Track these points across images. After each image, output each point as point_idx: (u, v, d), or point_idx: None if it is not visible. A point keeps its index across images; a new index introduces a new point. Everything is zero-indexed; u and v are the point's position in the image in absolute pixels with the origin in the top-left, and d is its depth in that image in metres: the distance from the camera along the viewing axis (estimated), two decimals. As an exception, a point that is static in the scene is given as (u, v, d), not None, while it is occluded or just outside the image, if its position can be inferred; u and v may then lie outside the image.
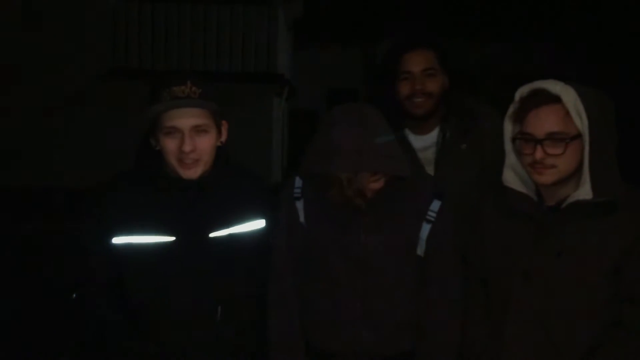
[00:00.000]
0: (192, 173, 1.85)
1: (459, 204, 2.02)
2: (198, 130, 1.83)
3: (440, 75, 2.36)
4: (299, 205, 1.99)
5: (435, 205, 1.92)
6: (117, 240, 1.84)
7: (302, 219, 1.98)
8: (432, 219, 1.91)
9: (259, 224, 2.01)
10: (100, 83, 9.01)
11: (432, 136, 2.41)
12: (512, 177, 1.87)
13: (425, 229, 1.92)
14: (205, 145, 1.85)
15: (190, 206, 1.89)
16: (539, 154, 1.72)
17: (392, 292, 1.93)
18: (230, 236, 1.94)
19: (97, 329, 1.91)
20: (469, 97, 2.51)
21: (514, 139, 1.82)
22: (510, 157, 1.86)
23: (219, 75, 8.51)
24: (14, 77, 8.81)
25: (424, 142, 2.41)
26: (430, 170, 2.36)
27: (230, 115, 1.94)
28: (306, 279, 1.99)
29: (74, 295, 1.93)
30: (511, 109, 1.83)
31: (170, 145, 1.82)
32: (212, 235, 1.91)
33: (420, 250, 1.93)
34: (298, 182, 2.01)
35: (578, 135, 1.71)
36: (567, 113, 1.70)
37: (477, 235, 1.97)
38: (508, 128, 1.86)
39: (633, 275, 1.71)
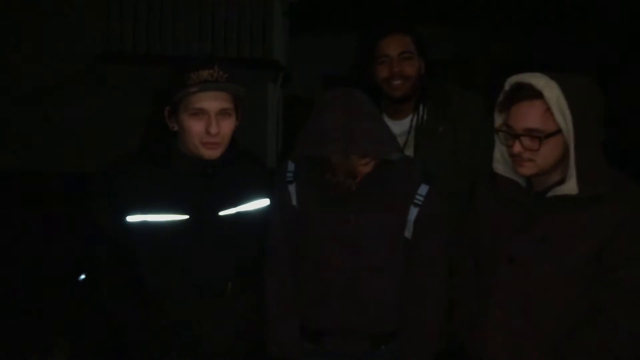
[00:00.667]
0: (213, 154, 1.94)
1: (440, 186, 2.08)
2: (223, 113, 1.92)
3: (416, 59, 2.45)
4: (292, 188, 2.06)
5: (423, 189, 1.98)
6: (132, 218, 1.90)
7: (294, 201, 2.05)
8: (420, 203, 1.98)
9: (264, 202, 2.10)
10: (94, 67, 8.97)
11: (406, 122, 2.50)
12: (501, 164, 1.92)
13: (413, 212, 1.98)
14: (227, 128, 1.94)
15: (202, 186, 1.97)
16: (516, 148, 1.77)
17: (380, 273, 1.99)
18: (239, 214, 2.03)
19: (110, 307, 1.95)
20: (443, 82, 2.59)
21: (498, 130, 1.86)
22: (500, 145, 1.91)
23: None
24: (7, 61, 8.76)
25: (401, 127, 2.49)
26: (409, 153, 2.43)
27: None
28: (297, 259, 2.06)
29: (82, 277, 1.96)
30: (499, 99, 1.86)
31: (196, 126, 1.89)
32: (221, 213, 1.99)
33: (408, 233, 2.00)
34: (291, 165, 2.08)
35: (557, 132, 1.72)
36: (548, 109, 1.72)
37: (472, 218, 2.02)
38: (498, 117, 1.89)
39: (612, 262, 1.75)
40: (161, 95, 1.96)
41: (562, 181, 1.79)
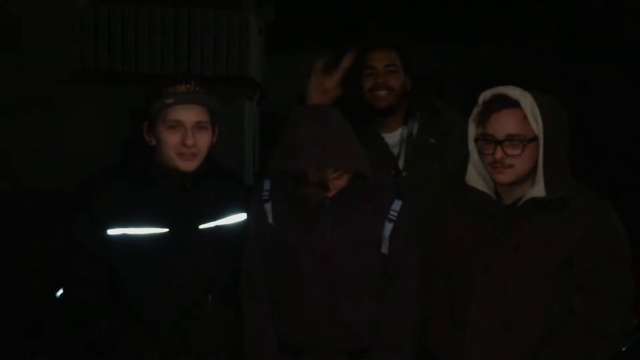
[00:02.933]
0: (189, 165, 1.96)
1: (431, 197, 2.16)
2: (199, 126, 1.95)
3: (401, 73, 2.54)
4: (268, 207, 2.07)
5: (397, 205, 2.01)
6: (113, 232, 1.90)
7: (270, 220, 2.06)
8: (394, 218, 2.00)
9: (241, 217, 2.13)
10: (69, 86, 8.92)
11: (397, 134, 2.57)
12: (474, 177, 1.99)
13: (388, 227, 2.00)
14: (203, 141, 1.97)
15: (182, 200, 1.98)
16: (499, 154, 1.85)
17: (356, 289, 2.00)
18: (217, 228, 2.05)
19: (89, 323, 1.92)
20: (433, 96, 2.70)
21: (476, 140, 1.95)
22: (473, 157, 1.98)
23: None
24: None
25: (393, 139, 2.57)
26: (401, 164, 2.50)
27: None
28: (275, 277, 2.07)
29: (59, 294, 1.94)
30: (475, 111, 1.95)
31: (172, 138, 1.92)
32: (201, 227, 2.01)
33: (385, 248, 2.02)
34: (267, 184, 2.09)
35: (534, 138, 1.84)
36: (525, 117, 1.83)
37: (441, 231, 2.06)
38: (472, 129, 1.97)
39: (583, 266, 1.84)
40: (139, 111, 1.98)
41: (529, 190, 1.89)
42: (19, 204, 7.66)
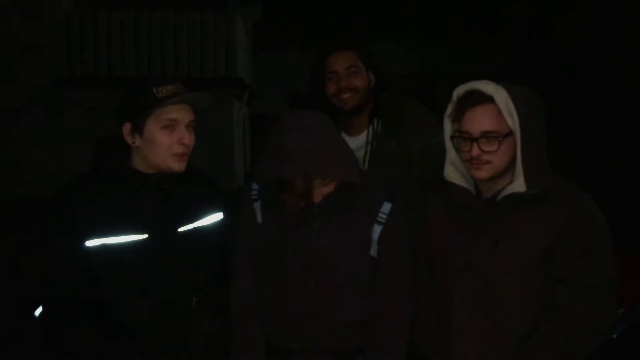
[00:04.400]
0: (182, 166, 1.94)
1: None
2: (192, 125, 1.95)
3: (363, 72, 2.52)
4: (257, 206, 2.06)
5: (386, 207, 1.99)
6: (91, 243, 1.86)
7: (259, 219, 2.05)
8: (383, 221, 1.98)
9: (218, 216, 2.11)
10: (56, 91, 8.85)
11: (363, 137, 2.57)
12: (452, 172, 1.98)
13: (377, 230, 1.98)
14: (193, 142, 1.96)
15: (159, 204, 1.96)
16: (475, 151, 1.84)
17: (343, 291, 1.98)
18: (196, 229, 2.03)
19: (70, 342, 1.88)
20: (397, 95, 2.67)
21: (452, 137, 1.93)
22: (451, 153, 1.97)
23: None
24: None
25: (358, 142, 2.55)
26: (365, 167, 2.47)
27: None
28: (262, 278, 2.05)
29: (38, 312, 1.90)
30: (450, 108, 1.94)
31: (168, 138, 1.89)
32: (180, 230, 1.99)
33: (374, 251, 2.00)
34: (255, 184, 2.07)
35: (510, 133, 1.83)
36: (500, 112, 1.82)
37: (423, 228, 2.06)
38: (448, 126, 1.96)
39: (564, 259, 1.84)
40: (119, 113, 1.93)
41: (509, 185, 1.88)
42: (7, 211, 7.61)
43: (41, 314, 1.90)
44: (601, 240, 1.85)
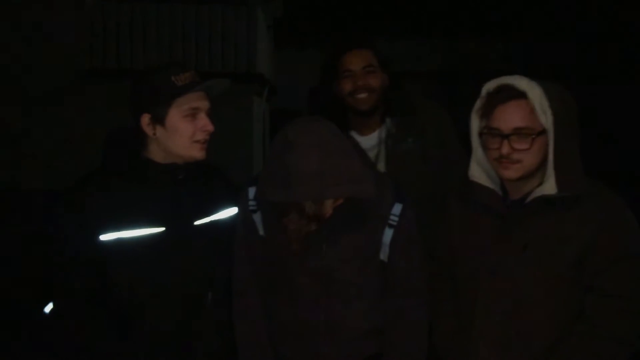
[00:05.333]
0: (203, 153, 1.93)
1: (415, 199, 2.03)
2: (209, 113, 1.93)
3: (379, 73, 2.48)
4: (257, 217, 1.94)
5: (397, 208, 1.88)
6: (106, 237, 1.83)
7: (261, 231, 1.94)
8: (394, 223, 1.87)
9: (232, 211, 2.08)
10: (77, 83, 8.92)
11: (375, 136, 2.52)
12: (478, 172, 1.89)
13: (388, 233, 1.88)
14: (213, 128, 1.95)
15: (175, 196, 1.93)
16: (505, 149, 1.74)
17: (355, 301, 1.89)
18: (212, 223, 2.01)
19: (83, 338, 1.84)
20: (408, 93, 2.64)
21: (480, 134, 1.85)
22: (477, 152, 1.89)
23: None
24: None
25: (370, 141, 2.50)
26: (381, 167, 2.45)
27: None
28: (269, 291, 1.96)
29: (48, 308, 1.86)
30: (478, 104, 1.85)
31: (190, 126, 1.88)
32: (196, 223, 1.97)
33: (384, 255, 1.90)
34: (252, 193, 1.94)
35: (543, 132, 1.74)
36: (533, 109, 1.73)
37: (445, 230, 1.98)
38: (475, 123, 1.87)
39: (595, 267, 1.75)
40: (135, 105, 1.90)
41: (539, 186, 1.79)
42: (26, 203, 7.69)
43: (52, 310, 1.86)
44: (634, 249, 1.75)
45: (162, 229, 1.89)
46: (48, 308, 1.86)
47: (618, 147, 10.72)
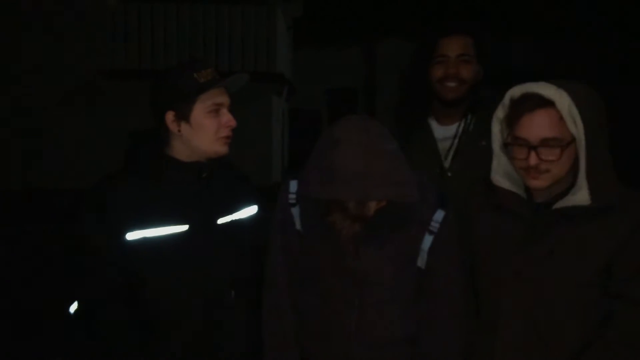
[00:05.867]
0: (227, 149, 1.95)
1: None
2: (230, 109, 1.94)
3: (475, 64, 2.35)
4: (295, 211, 1.92)
5: (439, 215, 1.82)
6: (132, 235, 1.82)
7: (298, 226, 1.92)
8: (435, 230, 1.81)
9: (253, 209, 2.09)
10: (99, 84, 9.02)
11: (453, 128, 2.39)
12: (501, 177, 1.85)
13: (428, 240, 1.82)
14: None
15: (199, 194, 1.94)
16: (533, 160, 1.69)
17: (388, 306, 1.85)
18: (233, 222, 2.01)
19: (108, 338, 1.84)
20: (497, 93, 2.50)
21: (506, 144, 1.79)
22: (500, 158, 1.85)
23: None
24: (13, 77, 8.81)
25: (446, 132, 2.39)
26: (447, 162, 2.36)
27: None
28: (300, 288, 1.94)
29: (73, 308, 1.86)
30: (501, 111, 1.80)
31: (214, 122, 1.90)
32: (219, 221, 1.97)
33: (421, 262, 1.84)
34: (293, 186, 1.92)
35: (572, 140, 1.68)
36: (561, 118, 1.66)
37: (466, 233, 1.94)
38: (496, 129, 1.83)
39: (623, 274, 1.70)
40: (158, 103, 1.91)
41: (565, 191, 1.74)
42: (48, 202, 7.78)
43: (77, 309, 1.85)
44: None
45: (186, 227, 1.89)
46: (72, 308, 1.85)
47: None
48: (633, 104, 10.33)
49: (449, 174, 2.34)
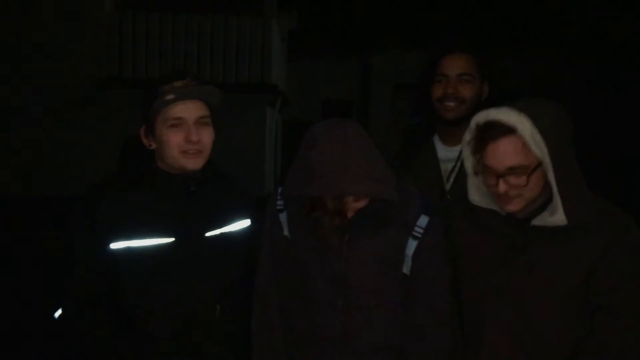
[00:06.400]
0: (196, 163, 1.88)
1: None
2: (201, 122, 1.88)
3: (476, 82, 2.30)
4: (283, 217, 1.94)
5: (423, 220, 1.83)
6: (116, 245, 1.82)
7: (285, 232, 1.93)
8: (419, 235, 1.83)
9: (245, 223, 2.06)
10: (93, 92, 9.01)
11: (457, 149, 2.31)
12: (477, 196, 1.86)
13: (412, 245, 1.83)
14: (207, 137, 1.90)
15: (186, 206, 1.91)
16: (502, 187, 1.70)
17: (374, 311, 1.85)
18: (223, 235, 1.98)
19: (93, 346, 1.84)
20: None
21: (476, 173, 1.80)
22: (473, 179, 1.85)
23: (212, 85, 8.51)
24: (8, 85, 8.79)
25: (450, 154, 2.35)
26: (448, 185, 2.32)
27: (224, 125, 1.95)
28: (289, 294, 1.94)
29: (58, 313, 1.86)
30: (468, 137, 1.80)
31: (175, 137, 1.84)
32: (207, 234, 1.95)
33: (406, 268, 1.86)
34: (280, 192, 1.96)
35: (539, 164, 1.68)
36: (525, 143, 1.66)
37: (448, 249, 1.94)
38: (467, 152, 1.82)
39: (604, 286, 1.72)
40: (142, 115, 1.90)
41: (544, 206, 1.76)
42: (45, 209, 7.74)
43: (60, 314, 1.87)
44: None
45: (172, 239, 1.88)
46: (57, 313, 1.86)
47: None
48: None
49: (449, 197, 2.30)
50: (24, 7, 8.82)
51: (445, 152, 2.36)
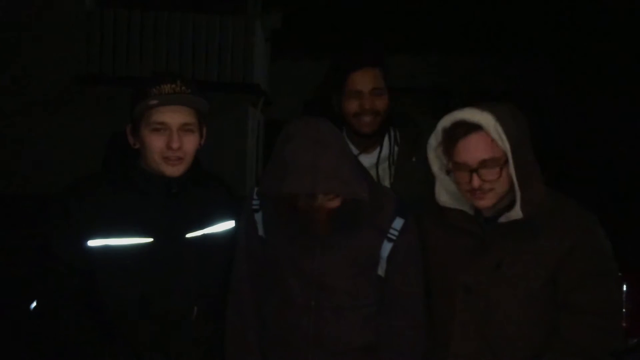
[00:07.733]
0: (176, 170, 1.87)
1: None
2: (185, 129, 1.85)
3: (386, 94, 2.36)
4: (258, 217, 1.94)
5: (398, 223, 1.86)
6: (94, 242, 1.81)
7: (260, 232, 1.94)
8: (394, 238, 1.85)
9: (229, 224, 2.04)
10: (74, 89, 8.92)
11: (375, 154, 2.40)
12: (445, 196, 1.91)
13: (386, 247, 1.85)
14: (190, 145, 1.87)
15: (168, 207, 1.90)
16: (476, 182, 1.76)
17: (348, 312, 1.86)
18: (205, 236, 1.96)
19: (66, 339, 1.83)
20: (405, 110, 2.55)
21: (448, 171, 1.85)
22: (441, 180, 1.89)
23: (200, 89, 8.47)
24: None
25: (370, 160, 2.38)
26: (388, 183, 2.35)
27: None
28: (264, 295, 1.94)
29: (33, 306, 1.85)
30: (434, 140, 1.86)
31: (157, 142, 1.83)
32: (188, 236, 1.93)
33: (381, 270, 1.88)
34: (256, 191, 1.97)
35: (507, 159, 1.75)
36: (492, 139, 1.74)
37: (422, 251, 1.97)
38: (432, 155, 1.88)
39: (568, 284, 1.77)
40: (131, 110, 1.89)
41: (511, 205, 1.81)
42: (20, 207, 7.66)
43: (34, 308, 1.85)
44: (606, 266, 1.79)
45: (151, 239, 1.86)
46: (33, 305, 1.86)
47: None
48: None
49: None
50: (3, 4, 8.71)
51: (365, 161, 2.33)
